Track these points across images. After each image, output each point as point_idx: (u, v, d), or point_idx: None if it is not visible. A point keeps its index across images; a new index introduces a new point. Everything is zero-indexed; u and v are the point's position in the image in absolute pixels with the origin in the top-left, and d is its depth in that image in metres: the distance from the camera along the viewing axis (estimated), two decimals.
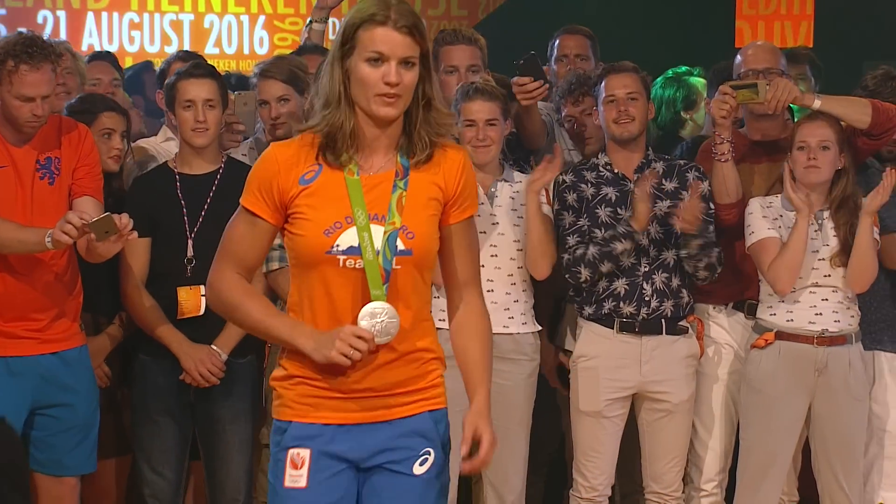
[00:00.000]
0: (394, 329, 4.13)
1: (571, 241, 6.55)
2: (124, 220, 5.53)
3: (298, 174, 4.15)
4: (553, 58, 7.60)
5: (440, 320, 4.78)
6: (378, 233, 4.14)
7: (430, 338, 4.35)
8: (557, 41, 7.88)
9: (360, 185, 4.14)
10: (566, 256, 6.51)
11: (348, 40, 4.08)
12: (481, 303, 4.44)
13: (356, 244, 4.12)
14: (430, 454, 4.28)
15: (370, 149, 4.18)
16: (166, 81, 6.79)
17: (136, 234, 5.69)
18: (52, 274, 6.24)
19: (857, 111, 6.59)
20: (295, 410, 4.27)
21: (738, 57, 7.19)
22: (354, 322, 4.11)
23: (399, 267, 4.16)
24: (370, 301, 4.14)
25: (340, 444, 4.25)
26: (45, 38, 6.26)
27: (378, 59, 4.02)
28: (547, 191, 6.54)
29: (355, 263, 4.13)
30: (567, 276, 6.52)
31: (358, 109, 4.11)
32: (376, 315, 4.11)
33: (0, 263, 6.10)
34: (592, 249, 6.44)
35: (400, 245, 4.15)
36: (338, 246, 4.12)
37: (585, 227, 6.56)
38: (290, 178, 4.15)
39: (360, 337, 4.04)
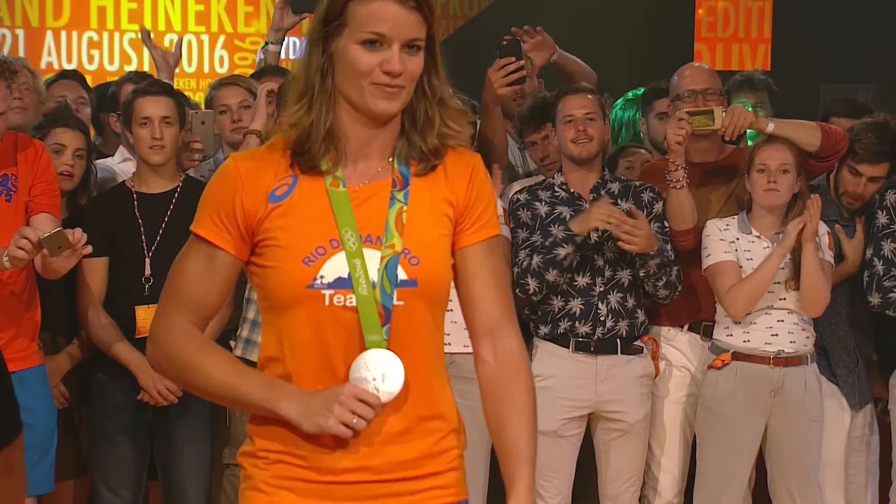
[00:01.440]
0: (398, 384, 3.16)
1: (522, 255, 6.55)
2: (77, 234, 5.55)
3: (267, 189, 3.20)
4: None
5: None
6: (373, 259, 3.20)
7: (444, 401, 3.35)
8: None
9: (348, 199, 3.21)
10: (515, 270, 6.49)
11: (336, 15, 3.15)
12: (520, 351, 3.39)
13: (346, 275, 3.17)
14: None
15: (359, 154, 3.26)
16: (123, 100, 6.79)
17: (90, 248, 5.70)
18: (8, 293, 6.23)
19: (807, 135, 6.66)
20: (269, 496, 3.25)
21: (675, 78, 7.23)
22: (347, 379, 3.17)
23: (402, 303, 3.20)
24: (366, 349, 3.19)
25: None
26: None
27: (376, 42, 3.13)
28: (504, 209, 6.54)
29: (346, 300, 3.17)
30: (517, 290, 6.44)
31: (343, 104, 3.22)
32: (374, 368, 3.14)
33: None
34: (536, 259, 6.45)
35: (402, 274, 3.19)
36: (322, 278, 3.16)
37: (538, 242, 6.54)
38: (256, 195, 3.20)
39: (363, 400, 3.10)
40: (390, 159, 3.31)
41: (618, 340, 6.59)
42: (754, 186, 6.54)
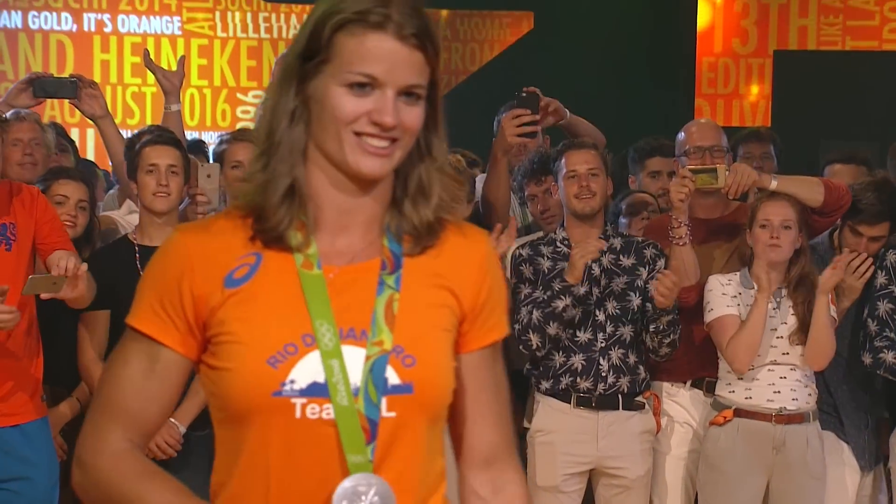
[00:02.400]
0: None
1: (524, 311, 6.49)
2: (61, 263, 5.59)
3: (224, 271, 2.49)
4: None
5: None
6: (356, 359, 2.48)
7: None
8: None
9: (324, 284, 2.49)
10: (516, 327, 6.42)
11: (318, 49, 2.45)
12: (523, 488, 2.75)
13: (322, 379, 2.45)
14: None
15: (338, 226, 2.53)
16: (127, 148, 6.76)
17: (85, 266, 5.75)
18: (12, 348, 6.17)
19: (810, 191, 6.64)
20: None
21: (682, 134, 7.25)
22: None
23: (393, 414, 2.47)
24: (347, 475, 2.47)
25: None
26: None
27: (366, 85, 2.42)
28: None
29: (322, 411, 2.44)
30: (520, 346, 6.44)
31: (318, 160, 2.51)
32: (359, 497, 2.44)
33: None
34: (536, 313, 6.40)
35: (393, 378, 2.47)
36: (292, 383, 2.44)
37: (540, 298, 6.50)
38: (208, 278, 2.48)
39: None
40: (380, 234, 2.57)
41: (619, 396, 6.55)
42: (757, 241, 6.50)
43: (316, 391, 2.45)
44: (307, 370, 2.45)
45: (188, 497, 2.50)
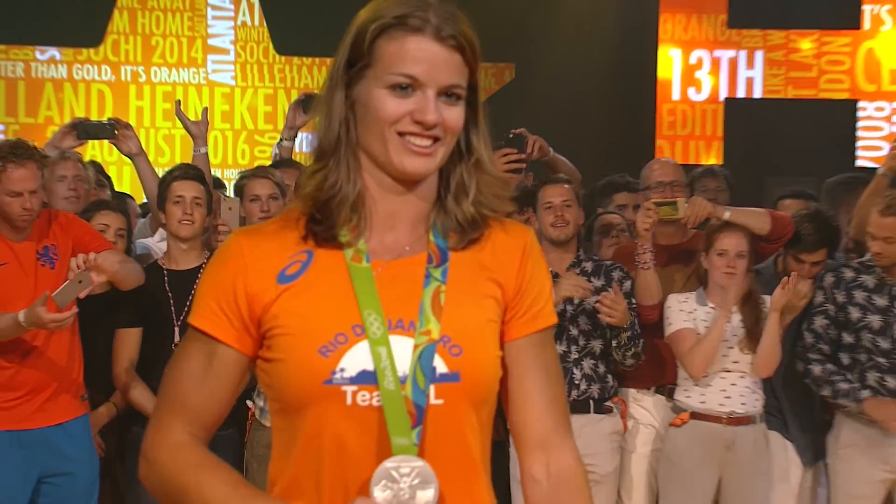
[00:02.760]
0: (428, 500, 2.24)
1: None
2: (72, 265, 5.65)
3: (276, 268, 2.34)
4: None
5: None
6: (404, 348, 2.30)
7: None
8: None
9: (372, 276, 2.33)
10: None
11: (361, 55, 2.31)
12: (579, 469, 2.50)
13: (371, 367, 2.28)
14: None
15: (386, 224, 2.39)
16: (160, 182, 6.77)
17: (94, 254, 5.72)
18: (56, 353, 6.17)
19: (759, 221, 6.66)
20: None
21: (646, 170, 7.30)
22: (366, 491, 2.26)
23: (441, 401, 2.30)
24: (391, 455, 2.28)
25: None
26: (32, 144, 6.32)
27: (408, 87, 2.27)
28: None
29: (372, 398, 2.28)
30: None
31: (366, 163, 2.36)
32: (399, 478, 2.23)
33: (9, 347, 6.01)
34: None
35: (440, 366, 2.29)
36: (343, 371, 2.27)
37: None
38: (263, 275, 2.33)
39: None
40: (426, 231, 2.41)
41: (591, 401, 6.55)
42: (713, 267, 6.52)
43: (365, 378, 2.28)
44: (357, 359, 2.29)
45: (244, 487, 2.34)
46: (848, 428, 6.63)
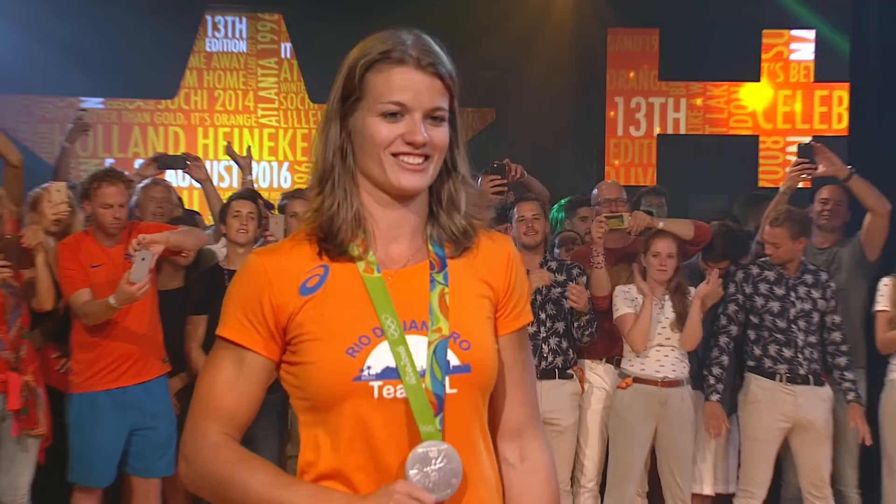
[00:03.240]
0: (456, 478, 2.11)
1: None
2: (129, 250, 5.79)
3: (297, 282, 2.17)
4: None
5: None
6: (419, 346, 2.15)
7: (498, 490, 2.28)
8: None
9: (384, 285, 2.16)
10: None
11: (353, 89, 2.15)
12: (547, 458, 2.36)
13: (393, 364, 2.13)
14: None
15: (389, 237, 2.22)
16: (226, 202, 6.90)
17: (146, 236, 5.80)
18: (139, 327, 6.21)
19: (685, 229, 6.71)
20: None
21: (595, 191, 7.38)
22: (398, 476, 2.13)
23: (455, 391, 2.16)
24: (421, 442, 2.13)
25: None
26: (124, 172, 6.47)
27: (397, 113, 2.12)
28: None
29: (396, 391, 2.13)
30: None
31: (366, 185, 2.18)
32: (430, 461, 2.11)
33: (104, 324, 6.08)
34: None
35: (453, 360, 2.16)
36: (369, 369, 2.12)
37: None
38: (285, 289, 2.16)
39: (417, 498, 2.04)
40: (424, 241, 2.24)
41: (556, 370, 6.56)
42: (650, 266, 6.58)
43: (389, 374, 2.11)
44: (380, 357, 2.12)
45: (282, 476, 2.14)
46: (754, 387, 6.63)
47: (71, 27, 10.32)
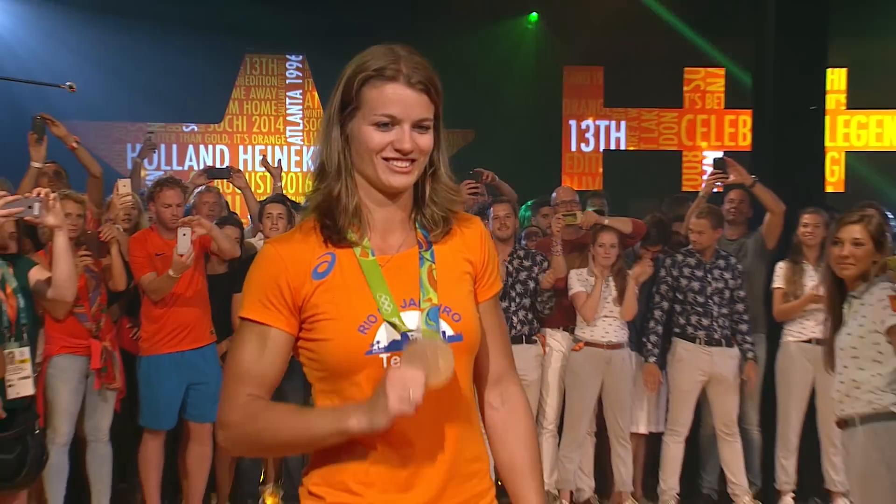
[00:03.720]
0: (446, 362, 1.88)
1: None
2: (180, 224, 5.89)
3: (309, 268, 2.00)
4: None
5: None
6: (413, 319, 2.00)
7: (481, 443, 2.13)
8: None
9: (378, 267, 2.01)
10: None
11: (350, 100, 2.00)
12: (524, 399, 2.20)
13: (398, 337, 1.98)
14: None
15: (383, 226, 2.06)
16: (261, 205, 6.84)
17: (190, 218, 6.00)
18: (195, 303, 6.20)
19: (624, 225, 6.67)
20: None
21: (554, 194, 7.43)
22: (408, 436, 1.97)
23: None
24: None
25: None
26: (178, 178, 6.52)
27: (388, 123, 1.98)
28: None
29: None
30: None
31: (360, 181, 2.04)
32: (423, 350, 1.89)
33: (168, 299, 6.10)
34: None
35: (448, 330, 2.01)
36: (378, 343, 1.96)
37: None
38: (299, 274, 1.99)
39: (408, 377, 1.84)
40: (413, 228, 2.10)
41: (523, 336, 6.51)
42: (597, 254, 6.54)
43: (395, 346, 1.96)
44: (387, 332, 1.97)
45: (303, 408, 1.98)
46: (679, 349, 6.61)
47: (139, 67, 10.32)
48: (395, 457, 1.95)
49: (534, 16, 11.52)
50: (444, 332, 1.98)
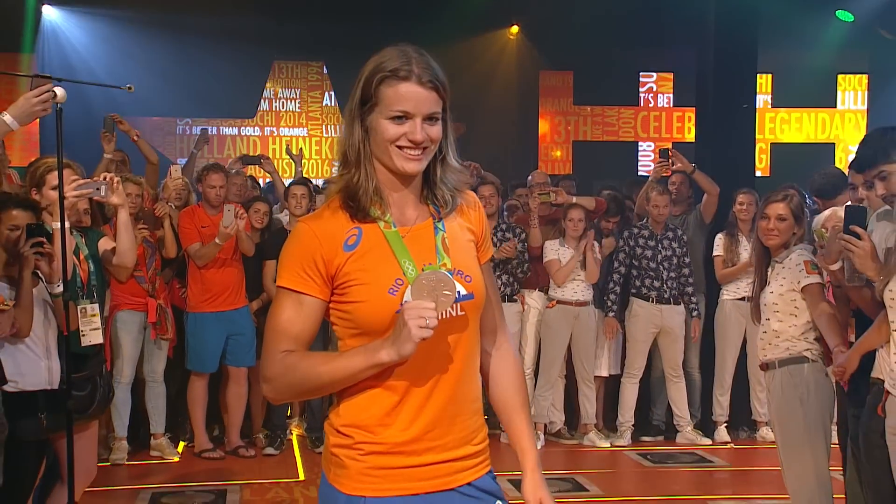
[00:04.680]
0: (448, 289, 1.84)
1: None
2: (230, 206, 5.96)
3: (340, 241, 1.92)
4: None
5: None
6: None
7: (479, 388, 2.06)
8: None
9: (400, 237, 1.94)
10: None
11: (369, 97, 1.92)
12: (513, 347, 2.17)
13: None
14: None
15: (400, 203, 1.98)
16: (287, 187, 6.73)
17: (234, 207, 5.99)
18: (232, 269, 6.19)
19: (589, 203, 6.68)
20: (365, 484, 1.91)
21: (530, 177, 7.33)
22: (433, 371, 1.92)
23: (463, 313, 1.95)
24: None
25: None
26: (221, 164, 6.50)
27: (402, 117, 1.90)
28: None
29: None
30: None
31: (379, 167, 1.96)
32: (428, 282, 1.84)
33: (212, 265, 6.10)
34: None
35: (461, 290, 1.93)
36: (405, 303, 1.86)
37: None
38: (332, 248, 1.91)
39: (422, 307, 1.80)
40: (426, 205, 2.01)
41: (505, 296, 6.50)
42: (567, 227, 6.52)
43: None
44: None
45: (335, 352, 1.91)
46: (635, 306, 6.64)
47: (185, 71, 10.27)
48: (412, 400, 1.90)
49: (515, 28, 11.48)
50: (458, 292, 1.89)
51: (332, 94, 11.75)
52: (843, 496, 3.91)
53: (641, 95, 12.16)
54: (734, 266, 6.58)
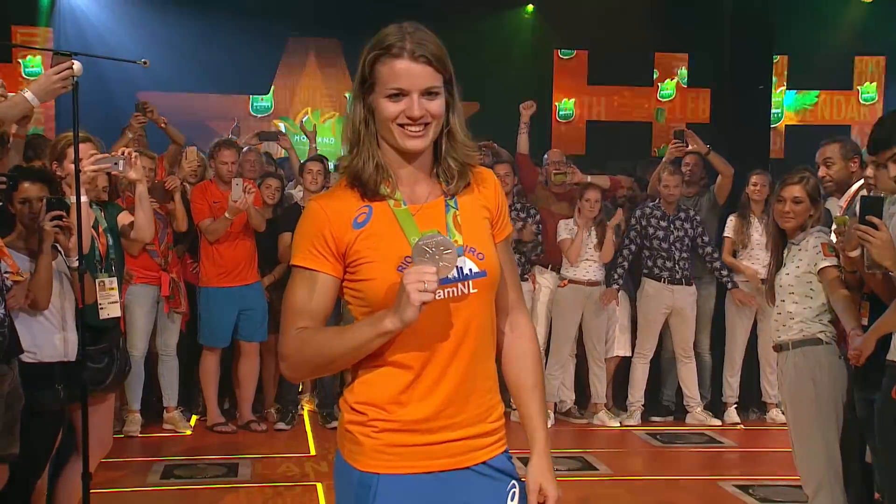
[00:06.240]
0: (448, 252, 1.79)
1: None
2: (239, 180, 6.06)
3: (350, 219, 1.90)
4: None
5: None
6: None
7: (494, 367, 2.01)
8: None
9: (410, 214, 1.91)
10: None
11: (367, 77, 1.90)
12: (531, 327, 2.11)
13: None
14: (515, 486, 1.99)
15: (410, 180, 1.94)
16: (302, 163, 6.74)
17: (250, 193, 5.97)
18: (243, 245, 6.20)
19: (604, 182, 6.72)
20: (380, 462, 1.89)
21: (546, 156, 7.30)
22: (440, 347, 1.89)
23: (476, 291, 1.90)
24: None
25: (434, 494, 1.91)
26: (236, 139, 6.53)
27: (399, 94, 1.86)
28: None
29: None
30: None
31: (385, 146, 1.92)
32: (428, 246, 1.79)
33: (223, 240, 6.11)
34: None
35: (474, 267, 1.90)
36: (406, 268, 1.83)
37: None
38: (342, 225, 1.89)
39: (423, 271, 1.75)
40: (437, 182, 1.96)
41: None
42: (582, 207, 6.50)
43: None
44: None
45: (345, 326, 1.87)
46: (647, 287, 6.64)
47: (200, 47, 10.23)
48: (426, 378, 1.88)
49: (530, 7, 11.40)
50: (470, 269, 1.89)
51: (347, 70, 11.72)
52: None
53: (656, 75, 12.08)
54: (742, 248, 6.61)
